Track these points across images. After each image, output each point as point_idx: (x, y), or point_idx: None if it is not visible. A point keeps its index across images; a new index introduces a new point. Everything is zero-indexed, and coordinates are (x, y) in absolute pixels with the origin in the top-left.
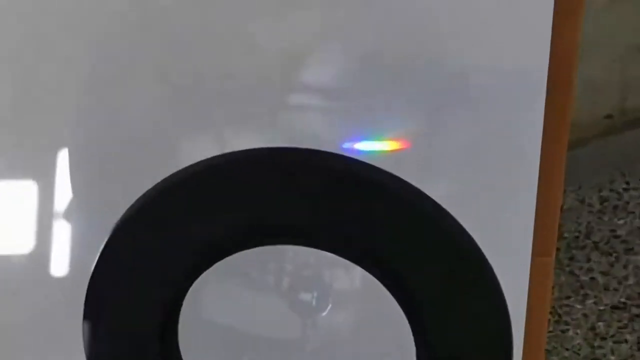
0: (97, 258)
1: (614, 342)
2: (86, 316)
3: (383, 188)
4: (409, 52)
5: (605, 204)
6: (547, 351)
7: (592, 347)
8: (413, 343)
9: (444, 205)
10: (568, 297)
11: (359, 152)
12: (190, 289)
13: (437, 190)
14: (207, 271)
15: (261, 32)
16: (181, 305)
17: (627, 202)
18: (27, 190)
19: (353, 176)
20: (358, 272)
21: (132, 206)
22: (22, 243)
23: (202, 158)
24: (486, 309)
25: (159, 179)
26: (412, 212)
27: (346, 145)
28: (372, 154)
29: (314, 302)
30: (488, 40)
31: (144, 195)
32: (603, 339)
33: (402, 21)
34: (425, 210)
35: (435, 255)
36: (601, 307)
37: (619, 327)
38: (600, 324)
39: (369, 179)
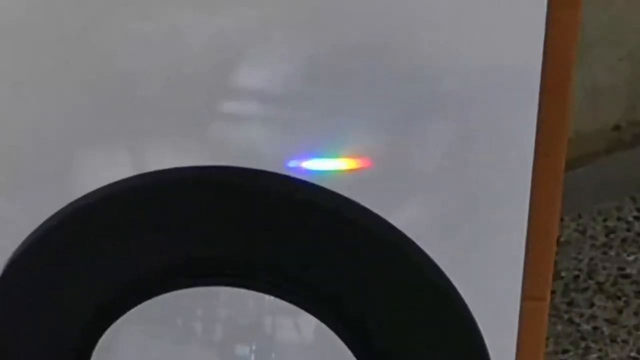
0: None
1: None
2: None
3: (336, 215)
4: (369, 49)
5: (612, 236)
6: None
7: None
8: None
9: (413, 237)
10: (566, 351)
11: (308, 172)
12: (101, 339)
13: (405, 219)
14: (122, 318)
15: (188, 26)
16: (89, 359)
17: (638, 234)
18: None
19: (300, 201)
20: (305, 318)
21: (28, 239)
22: None
23: (116, 179)
24: (459, 354)
25: (61, 205)
26: (371, 242)
27: (292, 163)
28: (323, 174)
29: (252, 357)
30: (468, 33)
31: (43, 225)
32: None
33: (362, 10)
34: (386, 241)
35: (398, 293)
36: None
37: None
38: None
39: (320, 205)
